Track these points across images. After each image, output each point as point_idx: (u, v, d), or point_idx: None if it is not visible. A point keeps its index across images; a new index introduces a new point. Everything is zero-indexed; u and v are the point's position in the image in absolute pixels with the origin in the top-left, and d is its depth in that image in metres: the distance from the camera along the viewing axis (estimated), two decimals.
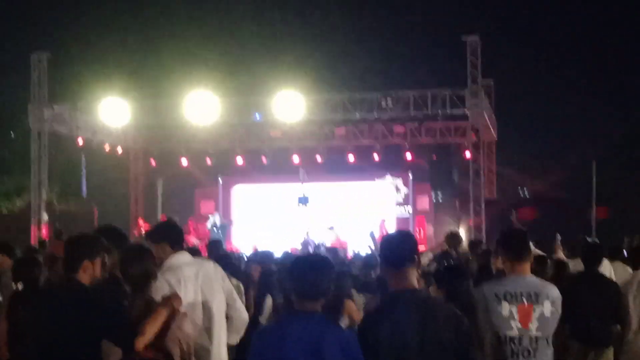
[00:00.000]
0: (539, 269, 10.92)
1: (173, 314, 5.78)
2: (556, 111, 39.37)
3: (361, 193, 33.10)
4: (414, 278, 5.24)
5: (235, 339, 7.07)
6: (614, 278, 10.63)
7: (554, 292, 6.20)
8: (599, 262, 9.72)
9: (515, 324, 6.02)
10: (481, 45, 26.67)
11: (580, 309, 8.81)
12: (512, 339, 6.02)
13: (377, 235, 15.76)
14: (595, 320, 9.24)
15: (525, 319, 6.03)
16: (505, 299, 6.04)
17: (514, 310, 6.02)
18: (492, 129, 31.07)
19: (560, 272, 10.53)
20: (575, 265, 11.45)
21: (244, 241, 30.37)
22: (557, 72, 39.97)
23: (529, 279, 6.23)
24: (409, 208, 32.94)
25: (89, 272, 5.72)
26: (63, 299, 5.63)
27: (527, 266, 6.27)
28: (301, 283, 4.94)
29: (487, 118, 28.48)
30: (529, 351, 6.02)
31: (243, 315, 7.07)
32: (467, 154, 29.02)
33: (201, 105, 26.57)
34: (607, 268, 11.39)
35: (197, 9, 36.09)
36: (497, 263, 8.97)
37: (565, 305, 6.23)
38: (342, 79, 32.23)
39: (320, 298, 4.95)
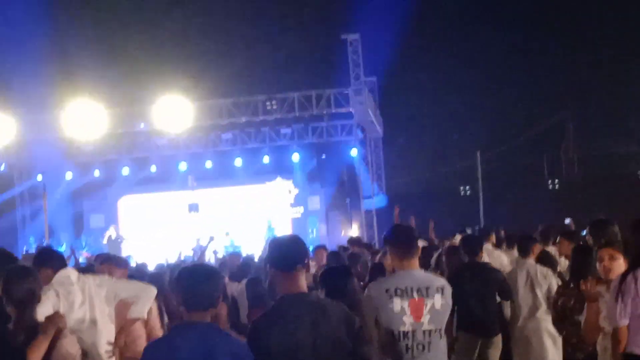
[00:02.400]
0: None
1: (58, 334, 5.65)
2: (440, 105, 39.92)
3: (252, 196, 33.04)
4: (304, 281, 5.21)
5: None
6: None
7: (444, 284, 6.28)
8: (479, 251, 9.93)
9: (408, 319, 6.06)
10: (362, 43, 26.89)
11: (464, 299, 8.99)
12: (405, 334, 6.05)
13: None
14: (479, 309, 9.45)
15: (417, 313, 6.07)
16: (397, 295, 6.07)
17: (405, 305, 6.05)
18: (377, 126, 31.37)
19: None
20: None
21: (136, 253, 30.03)
22: (439, 68, 40.51)
23: (417, 274, 6.29)
24: (301, 209, 33.04)
25: None
26: None
27: (415, 261, 6.32)
28: (190, 294, 4.84)
29: (372, 115, 28.74)
30: (423, 345, 6.07)
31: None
32: (354, 152, 29.26)
33: (85, 116, 26.12)
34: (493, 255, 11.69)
35: (73, 15, 35.34)
36: (388, 261, 9.03)
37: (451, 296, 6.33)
38: (226, 84, 32.05)
39: (210, 308, 4.86)
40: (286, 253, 5.24)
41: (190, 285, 4.86)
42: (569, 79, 39.25)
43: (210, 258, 19.27)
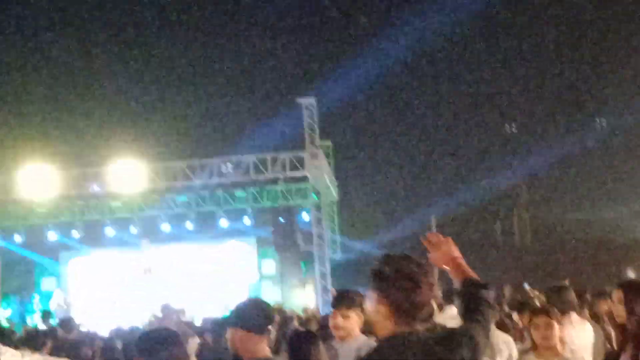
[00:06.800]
0: None
1: None
2: (396, 169, 40.14)
3: (207, 259, 32.80)
4: (266, 346, 5.12)
5: None
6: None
7: None
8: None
9: None
10: (318, 107, 26.96)
11: None
12: None
13: None
14: None
15: None
16: None
17: None
18: (332, 190, 31.40)
19: None
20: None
21: (88, 317, 29.60)
22: (395, 132, 40.82)
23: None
24: (256, 273, 32.87)
25: None
26: None
27: None
28: (152, 358, 4.64)
29: (327, 179, 28.77)
30: None
31: None
32: (307, 217, 29.23)
33: (38, 178, 25.85)
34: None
35: (25, 70, 35.22)
36: None
37: None
38: (180, 145, 32.03)
39: None
40: (261, 314, 5.16)
41: (151, 349, 4.67)
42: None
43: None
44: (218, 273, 32.18)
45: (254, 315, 5.12)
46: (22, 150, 27.21)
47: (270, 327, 5.11)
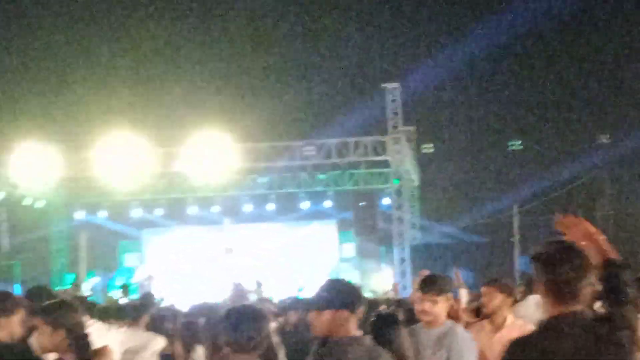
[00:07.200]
0: None
1: None
2: (479, 157, 39.85)
3: (287, 240, 33.03)
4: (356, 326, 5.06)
5: None
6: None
7: None
8: None
9: None
10: (402, 92, 26.95)
11: None
12: None
13: None
14: None
15: None
16: None
17: None
18: (414, 175, 31.36)
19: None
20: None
21: (169, 293, 30.00)
22: (478, 118, 40.54)
23: None
24: (335, 255, 33.01)
25: (7, 331, 5.61)
26: None
27: None
28: (236, 334, 4.79)
29: (408, 164, 28.76)
30: None
31: None
32: (388, 201, 29.27)
33: (122, 154, 26.20)
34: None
35: (120, 56, 35.72)
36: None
37: None
38: (264, 127, 32.22)
39: (255, 351, 4.81)
40: (355, 293, 5.17)
41: (236, 326, 4.82)
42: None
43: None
44: (298, 254, 32.40)
45: (348, 294, 5.10)
46: (107, 125, 27.49)
47: (362, 306, 5.08)
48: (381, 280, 30.88)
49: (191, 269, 32.67)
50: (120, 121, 28.21)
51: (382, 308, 11.89)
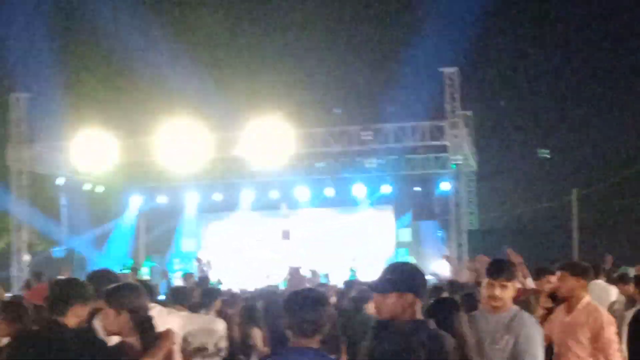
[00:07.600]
0: None
1: (170, 352, 5.72)
2: (536, 142, 39.61)
3: (344, 225, 33.06)
4: (398, 307, 5.02)
5: None
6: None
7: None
8: None
9: None
10: (460, 77, 26.76)
11: None
12: None
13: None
14: None
15: None
16: None
17: None
18: (471, 160, 31.15)
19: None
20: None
21: (227, 277, 30.16)
22: (537, 103, 40.26)
23: None
24: (392, 240, 32.96)
25: (79, 317, 5.66)
26: (50, 344, 5.45)
27: None
28: (297, 318, 4.78)
29: (466, 149, 28.56)
30: None
31: None
32: (447, 185, 29.12)
33: (181, 139, 26.32)
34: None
35: (178, 42, 35.86)
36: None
37: None
38: (321, 113, 32.26)
39: (316, 335, 4.78)
40: (424, 278, 5.19)
41: (298, 310, 4.80)
42: None
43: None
44: (355, 239, 32.39)
45: (414, 278, 5.09)
46: (166, 111, 27.63)
47: (427, 291, 5.07)
48: (439, 266, 30.77)
49: (248, 254, 32.85)
50: (179, 107, 28.39)
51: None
